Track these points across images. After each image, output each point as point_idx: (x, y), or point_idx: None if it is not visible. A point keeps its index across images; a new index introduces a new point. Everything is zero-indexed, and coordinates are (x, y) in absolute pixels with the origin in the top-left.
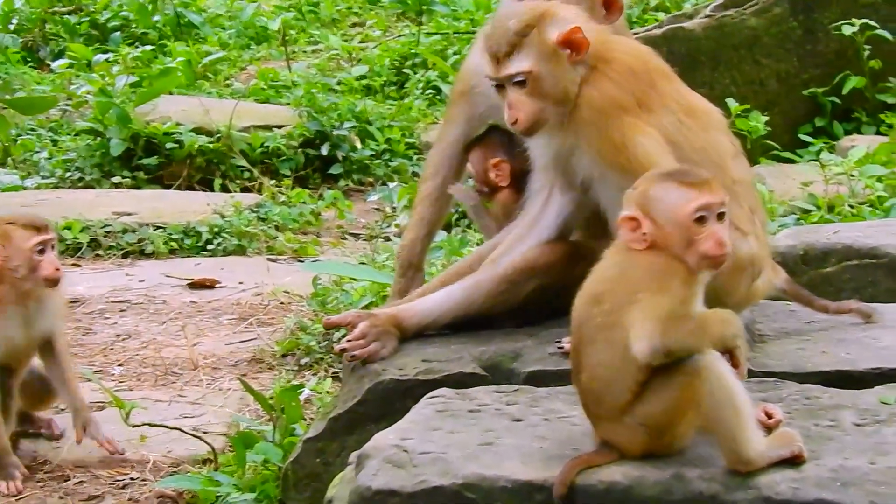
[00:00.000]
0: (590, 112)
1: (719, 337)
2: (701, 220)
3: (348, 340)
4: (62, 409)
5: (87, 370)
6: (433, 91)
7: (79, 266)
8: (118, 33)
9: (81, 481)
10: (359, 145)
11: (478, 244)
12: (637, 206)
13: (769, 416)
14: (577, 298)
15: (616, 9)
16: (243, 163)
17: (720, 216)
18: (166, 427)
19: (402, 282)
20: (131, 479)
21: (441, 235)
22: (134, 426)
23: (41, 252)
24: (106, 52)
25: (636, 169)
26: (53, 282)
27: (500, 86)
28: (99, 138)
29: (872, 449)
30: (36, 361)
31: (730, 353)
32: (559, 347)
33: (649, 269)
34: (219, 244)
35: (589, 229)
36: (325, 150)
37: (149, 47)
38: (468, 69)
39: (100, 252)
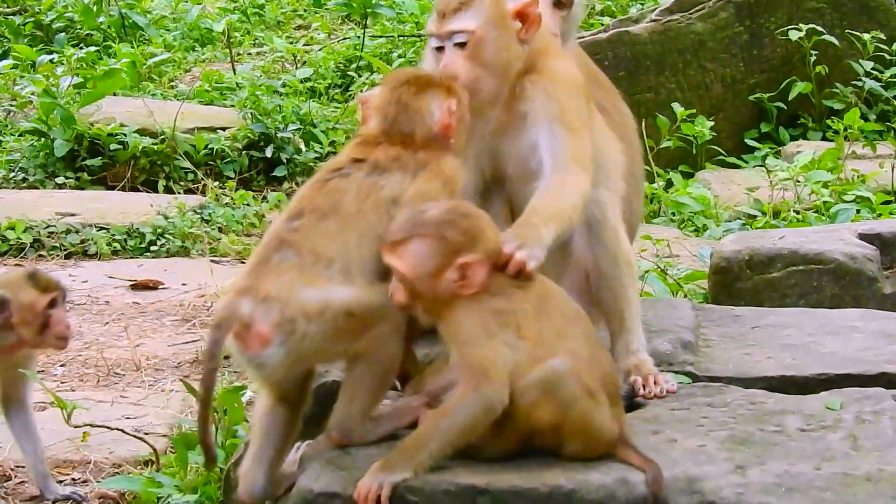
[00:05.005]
0: (552, 82)
1: None
2: None
3: None
4: None
5: (30, 370)
6: None
7: (22, 266)
8: (63, 34)
9: (23, 481)
10: (303, 147)
11: None
12: None
13: None
14: None
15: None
16: (187, 164)
17: None
18: (108, 428)
19: None
20: (73, 479)
21: None
22: (76, 426)
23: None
24: (50, 52)
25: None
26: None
27: (441, 48)
28: (43, 139)
29: (818, 455)
30: None
31: None
32: None
33: None
34: (162, 245)
35: None
36: (269, 153)
37: (93, 48)
38: None
39: (43, 252)
